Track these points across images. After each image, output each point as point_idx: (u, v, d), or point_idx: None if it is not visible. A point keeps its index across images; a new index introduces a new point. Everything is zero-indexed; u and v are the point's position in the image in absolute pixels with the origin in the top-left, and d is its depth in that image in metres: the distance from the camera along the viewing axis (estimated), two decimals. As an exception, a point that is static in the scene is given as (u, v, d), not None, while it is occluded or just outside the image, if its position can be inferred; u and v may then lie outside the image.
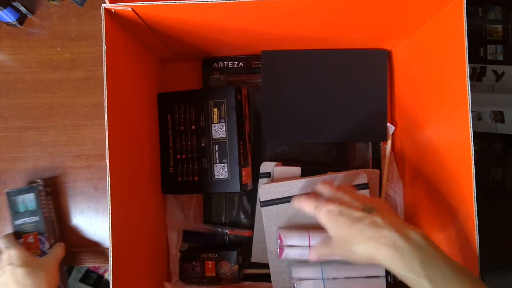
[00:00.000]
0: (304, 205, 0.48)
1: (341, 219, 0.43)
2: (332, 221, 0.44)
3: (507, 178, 0.69)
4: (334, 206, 0.44)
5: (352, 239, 0.42)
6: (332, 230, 0.44)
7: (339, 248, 0.44)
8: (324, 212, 0.45)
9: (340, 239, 0.43)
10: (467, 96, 0.42)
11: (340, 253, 0.44)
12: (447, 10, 0.45)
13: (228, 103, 0.59)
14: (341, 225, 0.43)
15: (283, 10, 0.45)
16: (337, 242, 0.44)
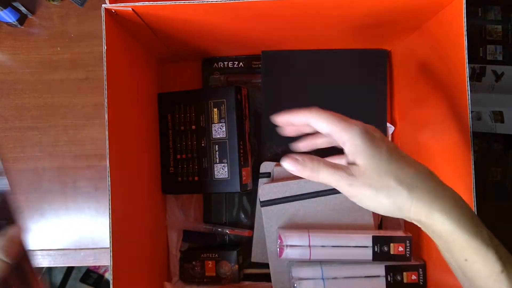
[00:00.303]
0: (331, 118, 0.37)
1: (385, 149, 0.33)
2: (373, 146, 0.33)
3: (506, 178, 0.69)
4: (375, 131, 0.35)
5: (397, 187, 0.32)
6: (366, 158, 0.33)
7: (364, 182, 0.33)
8: (363, 130, 0.34)
9: (376, 177, 0.33)
10: (467, 96, 0.42)
11: (362, 194, 0.34)
12: (447, 10, 0.45)
13: (228, 103, 0.59)
14: (385, 157, 0.33)
15: (283, 10, 0.45)
16: (369, 179, 0.33)
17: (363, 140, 0.33)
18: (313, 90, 0.63)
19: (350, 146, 0.34)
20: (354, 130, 0.34)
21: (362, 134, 0.34)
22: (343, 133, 0.34)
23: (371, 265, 0.54)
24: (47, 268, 1.37)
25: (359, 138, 0.33)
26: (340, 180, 0.34)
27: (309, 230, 0.54)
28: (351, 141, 0.34)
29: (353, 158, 0.34)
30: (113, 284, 0.42)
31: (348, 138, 0.34)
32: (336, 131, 0.35)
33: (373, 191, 0.33)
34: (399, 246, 0.54)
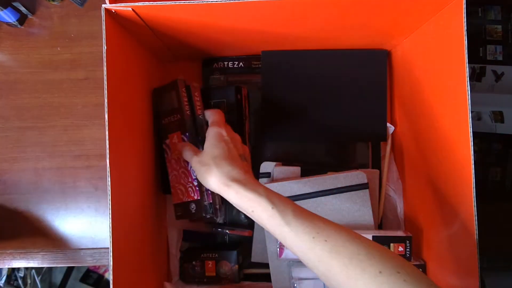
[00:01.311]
0: (210, 115, 0.54)
1: (222, 145, 0.49)
2: (216, 140, 0.49)
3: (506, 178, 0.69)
4: (226, 134, 0.50)
5: (215, 169, 0.46)
6: (210, 146, 0.49)
7: (200, 164, 0.48)
8: (216, 130, 0.50)
9: (208, 159, 0.48)
10: (467, 96, 0.42)
11: (197, 168, 0.48)
12: (447, 10, 0.45)
13: (228, 103, 0.59)
14: (219, 149, 0.48)
15: (283, 10, 0.45)
16: (204, 159, 0.48)
17: (213, 136, 0.50)
18: (313, 90, 0.63)
19: (207, 136, 0.51)
20: (213, 129, 0.51)
21: (215, 132, 0.50)
22: (209, 129, 0.52)
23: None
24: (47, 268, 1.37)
25: (212, 133, 0.51)
26: (193, 157, 0.50)
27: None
28: (209, 133, 0.51)
29: (205, 145, 0.50)
30: (113, 284, 0.42)
31: (209, 131, 0.51)
32: (208, 127, 0.53)
33: (203, 167, 0.48)
34: (399, 246, 0.54)
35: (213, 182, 0.46)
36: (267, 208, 0.42)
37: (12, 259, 0.68)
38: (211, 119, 0.53)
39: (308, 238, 0.40)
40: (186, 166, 0.56)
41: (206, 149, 0.49)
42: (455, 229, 0.47)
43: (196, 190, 0.56)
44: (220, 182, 0.46)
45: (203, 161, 0.48)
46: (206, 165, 0.47)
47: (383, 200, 0.63)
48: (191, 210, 0.56)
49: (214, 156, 0.48)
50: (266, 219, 0.42)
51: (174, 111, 0.57)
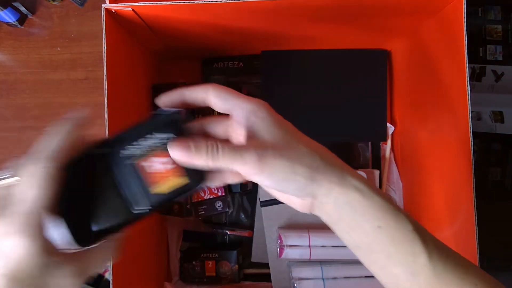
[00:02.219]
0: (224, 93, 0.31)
1: (286, 123, 0.32)
2: (277, 119, 0.32)
3: (506, 178, 0.69)
4: None
5: (310, 155, 0.30)
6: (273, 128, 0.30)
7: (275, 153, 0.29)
8: (266, 104, 0.32)
9: (287, 147, 0.30)
10: (467, 96, 0.42)
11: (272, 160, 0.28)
12: (447, 10, 0.45)
13: (228, 103, 0.59)
14: (289, 129, 0.32)
15: (283, 10, 0.45)
16: (276, 145, 0.29)
17: (269, 112, 0.31)
18: (312, 90, 0.63)
19: (254, 119, 0.30)
20: (257, 102, 0.30)
21: (266, 106, 0.31)
22: (246, 105, 0.30)
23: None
24: (47, 268, 1.37)
25: (264, 110, 0.30)
26: (248, 156, 0.28)
27: (309, 230, 0.54)
28: (255, 113, 0.30)
29: (258, 133, 0.29)
30: (113, 284, 0.42)
31: (252, 109, 0.30)
32: (237, 104, 0.30)
33: (287, 161, 0.29)
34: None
35: (300, 177, 0.29)
36: (406, 228, 0.30)
37: (12, 259, 0.68)
38: (223, 95, 0.31)
39: (454, 279, 0.30)
40: None
41: (268, 135, 0.30)
42: (455, 229, 0.47)
43: (220, 187, 0.56)
44: (333, 177, 0.29)
45: (279, 153, 0.29)
46: (290, 158, 0.29)
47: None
48: (217, 208, 0.56)
49: (294, 140, 0.31)
50: (399, 243, 0.30)
51: None
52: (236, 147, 0.28)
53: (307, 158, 0.30)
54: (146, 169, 0.30)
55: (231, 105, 0.30)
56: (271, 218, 0.57)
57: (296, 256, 0.53)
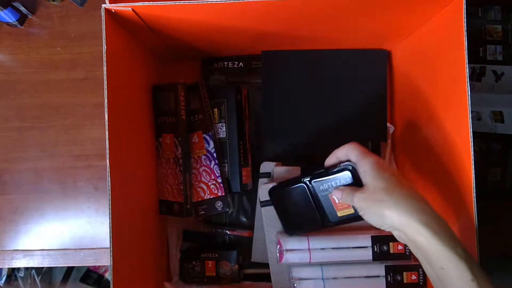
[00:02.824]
0: (351, 149, 0.46)
1: (388, 175, 0.42)
2: (379, 171, 0.42)
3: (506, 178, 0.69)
4: (384, 162, 0.44)
5: (390, 200, 0.40)
6: (373, 179, 0.42)
7: (369, 201, 0.42)
8: (374, 160, 0.43)
9: (377, 193, 0.41)
10: (467, 96, 0.42)
11: (365, 206, 0.42)
12: (447, 10, 0.45)
13: (228, 103, 0.59)
14: (386, 180, 0.41)
15: (283, 10, 0.45)
16: (372, 194, 0.42)
17: (373, 167, 0.43)
18: (313, 90, 0.63)
19: (364, 170, 0.43)
20: (369, 159, 0.44)
21: (373, 162, 0.43)
22: (362, 162, 0.44)
23: (371, 265, 0.54)
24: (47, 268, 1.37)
25: (370, 165, 0.43)
26: (356, 196, 0.44)
27: (308, 233, 0.54)
28: (366, 166, 0.43)
29: (365, 180, 0.44)
30: (113, 284, 0.42)
31: (365, 164, 0.44)
32: (359, 161, 0.45)
33: (374, 203, 0.41)
34: (398, 244, 0.54)
35: (392, 219, 0.40)
36: (465, 276, 0.36)
37: (12, 259, 0.68)
38: (355, 152, 0.45)
39: None
40: (175, 169, 0.57)
41: (370, 183, 0.43)
42: (455, 228, 0.47)
43: (220, 187, 0.56)
44: (404, 219, 0.39)
45: (371, 197, 0.42)
46: (377, 201, 0.41)
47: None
48: (217, 208, 0.57)
49: (384, 188, 0.41)
50: (458, 286, 0.37)
51: (170, 113, 0.58)
52: (350, 190, 0.45)
53: (385, 203, 0.40)
54: (335, 199, 0.50)
55: (358, 160, 0.45)
56: (271, 218, 0.57)
57: (296, 260, 0.53)
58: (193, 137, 0.59)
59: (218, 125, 0.59)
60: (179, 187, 0.57)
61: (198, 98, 0.58)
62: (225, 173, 0.59)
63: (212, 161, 0.58)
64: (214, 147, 0.58)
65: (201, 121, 0.58)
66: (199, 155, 0.58)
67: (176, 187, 0.58)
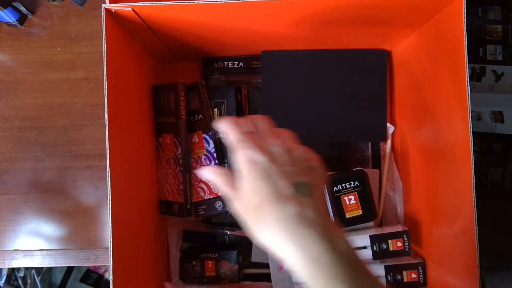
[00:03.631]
0: (228, 130, 0.37)
1: (263, 182, 0.33)
2: (252, 175, 0.34)
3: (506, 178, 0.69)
4: (263, 157, 0.34)
5: (264, 216, 0.32)
6: (248, 182, 0.34)
7: (244, 206, 0.34)
8: (247, 158, 0.34)
9: (250, 200, 0.33)
10: (467, 96, 0.42)
11: (241, 211, 0.34)
12: (447, 10, 0.45)
13: (228, 103, 0.59)
14: (260, 189, 0.33)
15: (283, 10, 0.45)
16: (246, 198, 0.34)
17: (242, 163, 0.35)
18: (313, 90, 0.63)
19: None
20: (238, 151, 0.36)
21: (244, 157, 0.35)
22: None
23: (371, 266, 0.54)
24: (47, 268, 1.37)
25: (240, 159, 0.35)
26: (230, 196, 0.36)
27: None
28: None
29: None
30: (113, 284, 0.42)
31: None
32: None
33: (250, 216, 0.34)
34: (397, 241, 0.54)
35: (269, 239, 0.33)
36: None
37: (12, 259, 0.68)
38: (232, 136, 0.37)
39: None
40: (175, 169, 0.57)
41: (245, 186, 0.34)
42: (455, 229, 0.47)
43: None
44: (283, 241, 0.32)
45: (247, 205, 0.34)
46: (252, 212, 0.34)
47: (383, 200, 0.63)
48: (217, 208, 0.57)
49: (259, 200, 0.33)
50: None
51: (170, 113, 0.58)
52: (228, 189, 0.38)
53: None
54: (345, 201, 0.54)
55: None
56: (271, 218, 0.57)
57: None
58: (193, 137, 0.59)
59: (218, 125, 0.59)
60: (179, 187, 0.57)
61: (198, 98, 0.58)
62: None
63: (212, 161, 0.58)
64: (214, 147, 0.58)
65: (201, 121, 0.58)
66: (199, 155, 0.58)
67: (176, 187, 0.58)
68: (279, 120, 0.64)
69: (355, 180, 0.54)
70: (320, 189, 0.35)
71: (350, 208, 0.54)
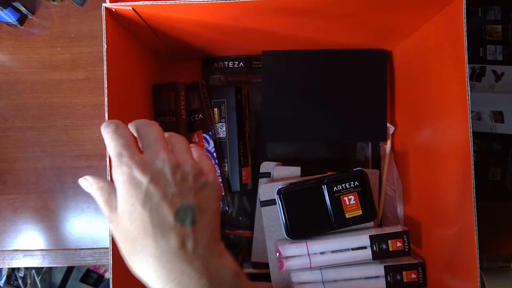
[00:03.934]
0: (108, 138, 0.31)
1: (140, 209, 0.29)
2: (128, 198, 0.29)
3: (506, 178, 0.69)
4: (143, 176, 0.29)
5: (140, 248, 0.29)
6: (124, 206, 0.30)
7: (120, 233, 0.30)
8: (125, 176, 0.30)
9: (126, 227, 0.30)
10: (467, 96, 0.42)
11: (116, 237, 0.31)
12: (447, 10, 0.45)
13: (228, 103, 0.59)
14: (137, 216, 0.29)
15: (283, 10, 0.45)
16: (121, 224, 0.30)
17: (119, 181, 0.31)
18: (313, 90, 0.63)
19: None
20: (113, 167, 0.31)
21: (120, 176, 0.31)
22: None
23: (370, 266, 0.54)
24: (47, 268, 1.37)
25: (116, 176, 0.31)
26: (106, 212, 0.32)
27: (307, 238, 0.55)
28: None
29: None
30: (113, 284, 0.42)
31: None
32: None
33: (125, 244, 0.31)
34: (397, 242, 0.54)
35: (145, 274, 0.31)
36: None
37: (12, 259, 0.68)
38: (111, 146, 0.31)
39: None
40: None
41: (121, 209, 0.30)
42: (455, 229, 0.47)
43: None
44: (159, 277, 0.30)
45: (123, 232, 0.30)
46: (127, 242, 0.30)
47: (383, 200, 0.63)
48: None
49: (135, 230, 0.29)
50: None
51: (170, 112, 0.58)
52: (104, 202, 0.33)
53: None
54: (345, 201, 0.54)
55: None
56: (271, 218, 0.57)
57: (297, 267, 0.53)
58: (193, 137, 0.59)
59: (218, 125, 0.59)
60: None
61: (198, 98, 0.58)
62: (225, 173, 0.59)
63: (212, 160, 0.58)
64: (214, 147, 0.58)
65: (201, 121, 0.58)
66: None
67: None
68: (279, 120, 0.64)
69: (355, 180, 0.54)
70: (210, 210, 0.32)
71: (350, 208, 0.54)
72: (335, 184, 0.54)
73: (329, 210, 0.54)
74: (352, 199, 0.54)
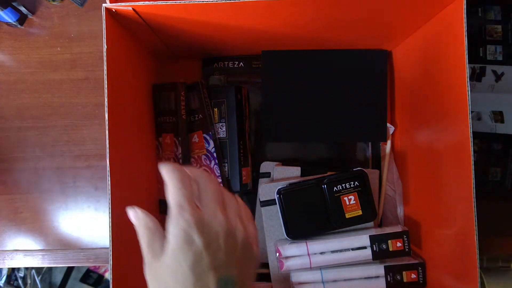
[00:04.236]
0: (171, 184, 0.32)
1: (187, 269, 0.29)
2: (178, 254, 0.29)
3: (506, 178, 0.69)
4: (199, 238, 0.30)
5: None
6: (171, 261, 0.30)
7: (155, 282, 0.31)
8: (183, 232, 0.30)
9: (164, 281, 0.30)
10: (467, 96, 0.42)
11: (150, 284, 0.32)
12: (447, 10, 0.45)
13: (228, 103, 0.59)
14: (180, 275, 0.29)
15: (283, 10, 0.45)
16: (161, 276, 0.30)
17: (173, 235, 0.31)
18: (313, 90, 0.63)
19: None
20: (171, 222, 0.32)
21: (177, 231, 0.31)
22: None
23: (370, 266, 0.54)
24: (47, 268, 1.37)
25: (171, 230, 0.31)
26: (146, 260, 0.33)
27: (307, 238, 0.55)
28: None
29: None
30: (113, 284, 0.42)
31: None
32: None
33: None
34: (397, 242, 0.54)
35: None
36: None
37: (12, 259, 0.68)
38: (172, 194, 0.31)
39: None
40: None
41: (166, 262, 0.30)
42: (455, 229, 0.47)
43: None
44: None
45: (158, 283, 0.30)
46: None
47: (383, 200, 0.63)
48: None
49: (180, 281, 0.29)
50: None
51: (170, 112, 0.58)
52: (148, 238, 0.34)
53: None
54: (345, 201, 0.54)
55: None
56: (271, 218, 0.57)
57: (297, 267, 0.53)
58: (193, 137, 0.59)
59: (218, 125, 0.59)
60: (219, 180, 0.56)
61: (198, 97, 0.58)
62: (225, 173, 0.59)
63: (212, 161, 0.58)
64: (214, 147, 0.58)
65: (201, 121, 0.58)
66: (199, 155, 0.58)
67: None
68: (279, 120, 0.64)
69: (355, 180, 0.54)
70: (247, 285, 0.31)
71: (350, 208, 0.54)
72: (335, 184, 0.54)
73: (329, 210, 0.54)
74: (352, 199, 0.54)
